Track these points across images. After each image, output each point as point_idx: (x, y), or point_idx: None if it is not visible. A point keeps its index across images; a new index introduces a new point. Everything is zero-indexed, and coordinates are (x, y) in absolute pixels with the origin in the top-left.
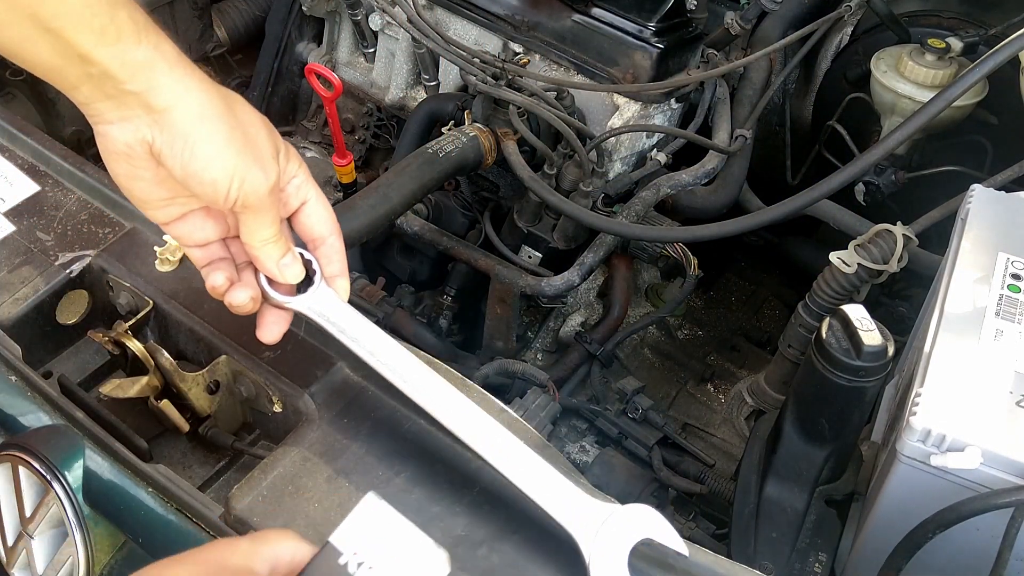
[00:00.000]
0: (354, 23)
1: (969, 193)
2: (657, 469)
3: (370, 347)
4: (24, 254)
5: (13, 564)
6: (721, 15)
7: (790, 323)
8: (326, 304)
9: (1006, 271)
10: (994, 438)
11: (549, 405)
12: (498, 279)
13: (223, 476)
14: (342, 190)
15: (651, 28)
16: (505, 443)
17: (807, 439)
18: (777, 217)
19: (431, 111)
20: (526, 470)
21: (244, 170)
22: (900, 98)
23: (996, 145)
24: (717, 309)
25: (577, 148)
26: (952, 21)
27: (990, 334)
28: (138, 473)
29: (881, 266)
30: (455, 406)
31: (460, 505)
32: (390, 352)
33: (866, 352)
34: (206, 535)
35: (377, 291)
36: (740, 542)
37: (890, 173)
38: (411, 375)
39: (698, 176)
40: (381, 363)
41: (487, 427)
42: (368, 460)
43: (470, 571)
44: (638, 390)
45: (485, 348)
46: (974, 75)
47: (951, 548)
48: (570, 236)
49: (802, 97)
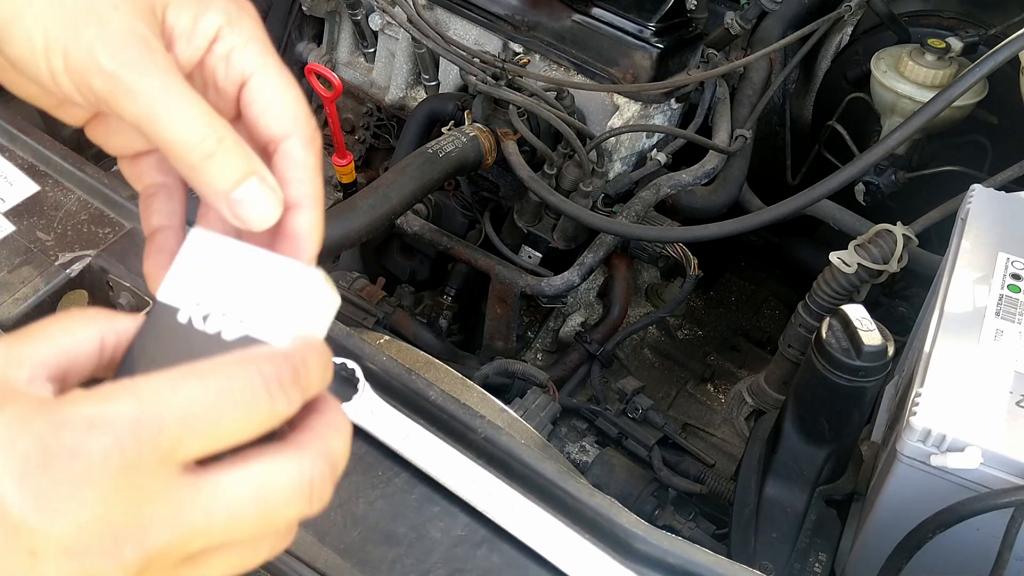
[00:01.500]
0: (354, 23)
1: (969, 193)
2: (657, 469)
3: (428, 451)
4: (24, 254)
5: None
6: (721, 15)
7: (790, 323)
8: (374, 409)
9: (1006, 271)
10: (994, 438)
11: (549, 405)
12: (498, 279)
13: None
14: (342, 190)
15: (651, 28)
16: (575, 545)
17: (807, 439)
18: (777, 217)
19: (431, 111)
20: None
21: (68, 24)
22: (900, 98)
23: (996, 145)
24: (717, 309)
25: (577, 148)
26: (952, 21)
27: (990, 334)
28: None
29: (881, 266)
30: (520, 511)
31: (460, 505)
32: (446, 456)
33: (866, 352)
34: None
35: (377, 291)
36: (740, 542)
37: (890, 173)
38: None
39: (698, 176)
40: (438, 467)
41: (552, 529)
42: (368, 460)
43: (470, 571)
44: (638, 390)
45: (485, 348)
46: (974, 75)
47: (951, 548)
48: (570, 236)
49: (802, 97)
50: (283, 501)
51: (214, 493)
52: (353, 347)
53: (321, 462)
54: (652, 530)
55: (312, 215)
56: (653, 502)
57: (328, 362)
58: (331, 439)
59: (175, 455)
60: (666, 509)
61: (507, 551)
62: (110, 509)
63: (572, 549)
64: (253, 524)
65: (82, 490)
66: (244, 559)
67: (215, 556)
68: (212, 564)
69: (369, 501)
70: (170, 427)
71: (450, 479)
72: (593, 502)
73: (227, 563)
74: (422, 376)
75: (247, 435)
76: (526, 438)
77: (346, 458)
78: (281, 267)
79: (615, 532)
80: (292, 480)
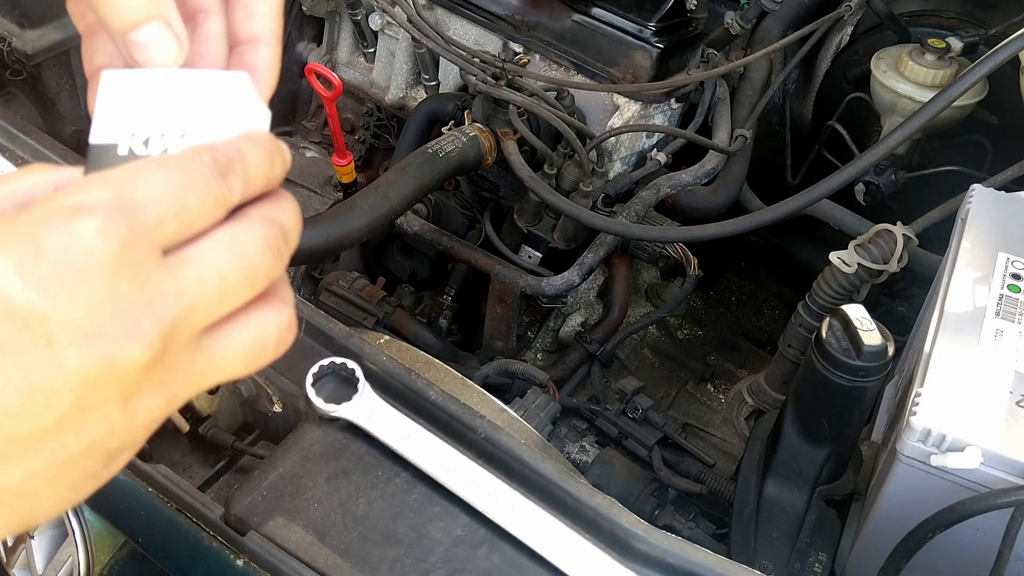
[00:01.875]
0: (354, 23)
1: (969, 193)
2: (657, 469)
3: (428, 451)
4: None
5: (13, 564)
6: (721, 15)
7: (790, 323)
8: (374, 409)
9: (1006, 271)
10: (994, 438)
11: (549, 405)
12: (498, 279)
13: (223, 476)
14: (342, 190)
15: (651, 28)
16: (575, 546)
17: (807, 439)
18: (777, 217)
19: (431, 111)
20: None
21: None
22: (900, 98)
23: (996, 145)
24: (717, 309)
25: (577, 148)
26: (952, 21)
27: (990, 334)
28: (138, 473)
29: (881, 266)
30: (520, 511)
31: (460, 505)
32: (447, 456)
33: (866, 352)
34: (206, 535)
35: (377, 291)
36: (740, 542)
37: (890, 173)
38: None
39: (698, 176)
40: (438, 467)
41: (552, 529)
42: (368, 460)
43: (470, 571)
44: (638, 390)
45: (485, 348)
46: (974, 75)
47: (951, 548)
48: (570, 236)
49: (802, 97)
50: (256, 255)
51: (199, 264)
52: (353, 347)
53: (267, 224)
54: (652, 530)
55: (272, 52)
56: (653, 502)
57: (273, 148)
58: (270, 208)
59: (157, 235)
60: (666, 509)
61: (507, 551)
62: (117, 287)
63: (572, 549)
64: (241, 283)
65: (85, 272)
66: (257, 331)
67: (227, 329)
68: (229, 337)
69: (369, 501)
70: (147, 208)
71: (450, 479)
72: (593, 502)
73: (242, 336)
74: (422, 376)
75: (208, 219)
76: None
77: (295, 222)
78: (205, 78)
79: (615, 532)
80: (256, 237)
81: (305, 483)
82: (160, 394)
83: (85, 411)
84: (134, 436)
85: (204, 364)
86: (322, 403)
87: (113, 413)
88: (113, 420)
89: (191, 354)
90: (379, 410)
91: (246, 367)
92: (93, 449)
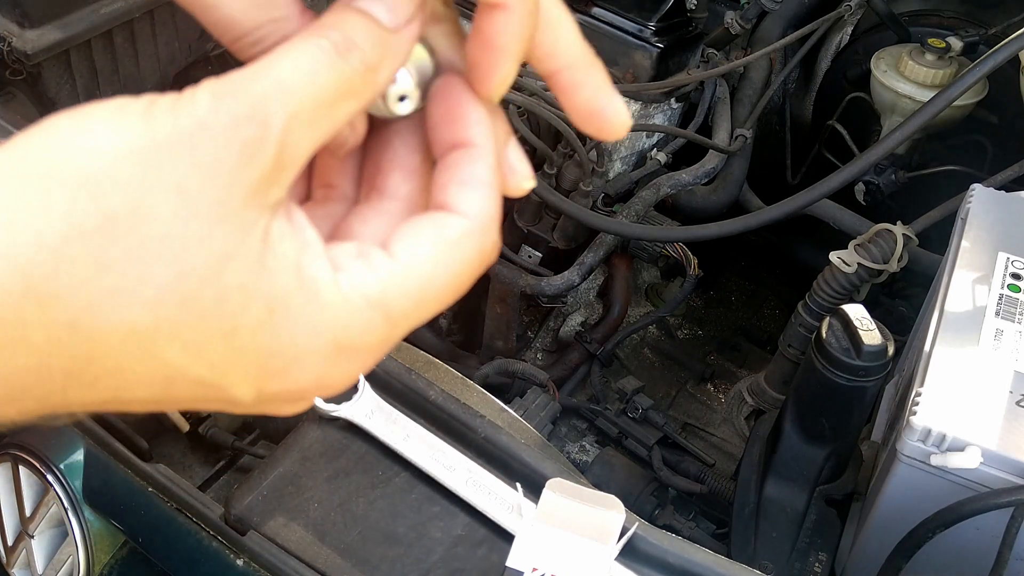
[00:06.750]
0: None
1: (969, 193)
2: (657, 469)
3: (428, 451)
4: None
5: (13, 563)
6: (721, 15)
7: (790, 323)
8: (374, 408)
9: (1006, 271)
10: (994, 438)
11: (549, 405)
12: (498, 279)
13: (223, 476)
14: None
15: (651, 28)
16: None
17: (807, 439)
18: (777, 217)
19: None
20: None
21: None
22: (900, 98)
23: (996, 145)
24: (717, 309)
25: (577, 148)
26: (952, 21)
27: (990, 334)
28: (138, 473)
29: (881, 266)
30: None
31: (460, 505)
32: (447, 456)
33: (866, 352)
34: (206, 535)
35: None
36: (740, 542)
37: (890, 173)
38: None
39: (698, 176)
40: (438, 467)
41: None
42: (368, 460)
43: (470, 571)
44: (638, 390)
45: (485, 348)
46: (974, 75)
47: (951, 548)
48: (570, 236)
49: (802, 97)
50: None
51: None
52: None
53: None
54: (652, 530)
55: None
56: (653, 502)
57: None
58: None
59: None
60: (666, 509)
61: (507, 551)
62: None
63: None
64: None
65: None
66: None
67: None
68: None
69: (369, 501)
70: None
71: (450, 479)
72: None
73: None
74: (422, 376)
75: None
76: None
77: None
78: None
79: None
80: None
81: (305, 483)
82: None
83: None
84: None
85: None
86: (322, 403)
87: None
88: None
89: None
90: (379, 410)
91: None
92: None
